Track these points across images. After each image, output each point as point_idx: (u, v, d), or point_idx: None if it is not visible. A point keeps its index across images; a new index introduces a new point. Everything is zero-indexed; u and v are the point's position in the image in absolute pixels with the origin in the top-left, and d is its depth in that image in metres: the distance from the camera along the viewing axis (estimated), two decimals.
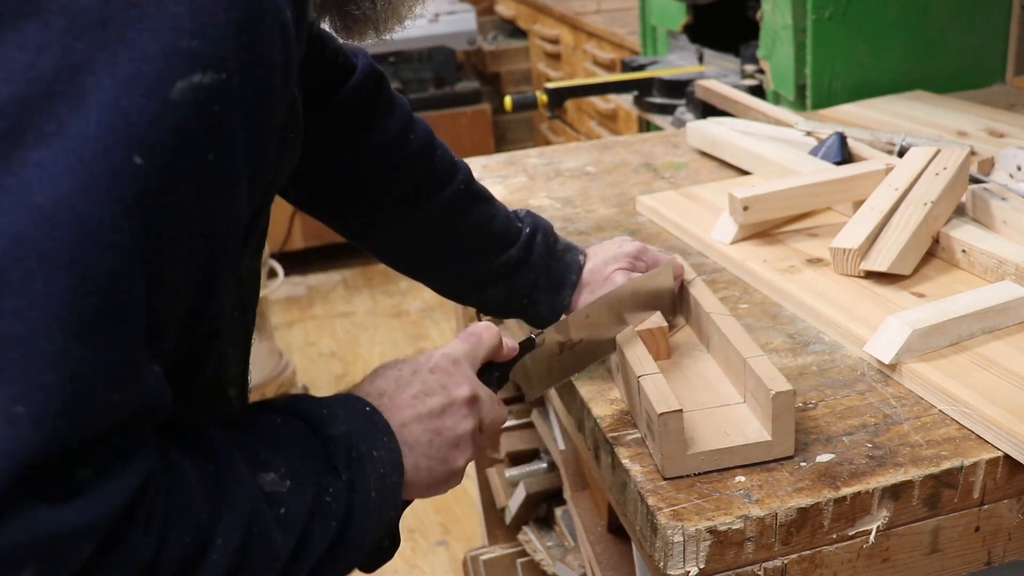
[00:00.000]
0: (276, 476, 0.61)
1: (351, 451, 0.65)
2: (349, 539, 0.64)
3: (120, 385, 0.52)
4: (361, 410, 0.69)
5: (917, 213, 1.12)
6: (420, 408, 0.71)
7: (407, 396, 0.72)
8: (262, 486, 0.60)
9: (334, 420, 0.66)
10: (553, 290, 1.03)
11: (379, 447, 0.67)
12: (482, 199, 1.04)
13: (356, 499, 0.64)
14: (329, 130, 0.97)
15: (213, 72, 0.53)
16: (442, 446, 0.72)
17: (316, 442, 0.64)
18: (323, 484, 0.63)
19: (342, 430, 0.66)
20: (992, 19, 1.90)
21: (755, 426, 0.83)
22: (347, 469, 0.64)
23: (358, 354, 3.30)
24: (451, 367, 0.74)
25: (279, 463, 0.62)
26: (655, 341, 0.96)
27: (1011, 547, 0.85)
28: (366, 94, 0.98)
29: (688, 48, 2.39)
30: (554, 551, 1.67)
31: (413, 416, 0.71)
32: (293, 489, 0.61)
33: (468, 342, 0.77)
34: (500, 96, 3.85)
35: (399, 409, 0.71)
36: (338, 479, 0.64)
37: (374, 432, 0.68)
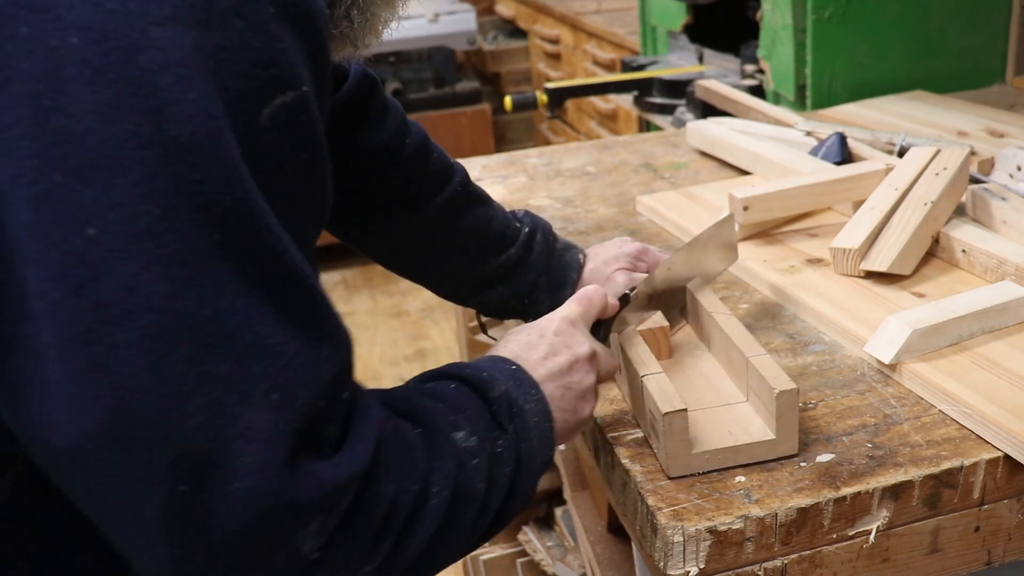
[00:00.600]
0: (464, 434, 0.69)
1: (511, 407, 0.73)
2: (522, 481, 0.73)
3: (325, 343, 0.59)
4: (509, 369, 0.76)
5: (917, 213, 1.12)
6: (551, 367, 0.78)
7: (538, 357, 0.79)
8: (457, 442, 0.69)
9: (494, 381, 0.74)
10: (554, 289, 1.03)
11: (529, 400, 0.75)
12: (479, 201, 1.04)
13: (522, 448, 0.73)
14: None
15: (292, 91, 0.59)
16: (572, 399, 0.79)
17: (482, 403, 0.73)
18: (494, 438, 0.71)
19: (502, 390, 0.74)
20: (992, 19, 1.90)
21: (759, 425, 0.84)
22: (511, 423, 0.73)
23: (358, 354, 3.25)
24: (571, 328, 0.81)
25: (464, 423, 0.70)
26: (656, 340, 0.96)
27: (1011, 547, 0.85)
28: (359, 99, 0.98)
29: (688, 48, 2.39)
30: (554, 551, 1.67)
31: (545, 374, 0.78)
32: (479, 444, 0.70)
33: (582, 304, 0.84)
34: (500, 96, 3.85)
35: (533, 369, 0.77)
36: (505, 433, 0.72)
37: (524, 388, 0.75)
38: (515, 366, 0.77)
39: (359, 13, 0.73)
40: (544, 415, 0.76)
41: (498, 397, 0.73)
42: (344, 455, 0.60)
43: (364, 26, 0.75)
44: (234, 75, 0.56)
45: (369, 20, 0.75)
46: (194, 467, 0.54)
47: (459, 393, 0.73)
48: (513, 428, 0.73)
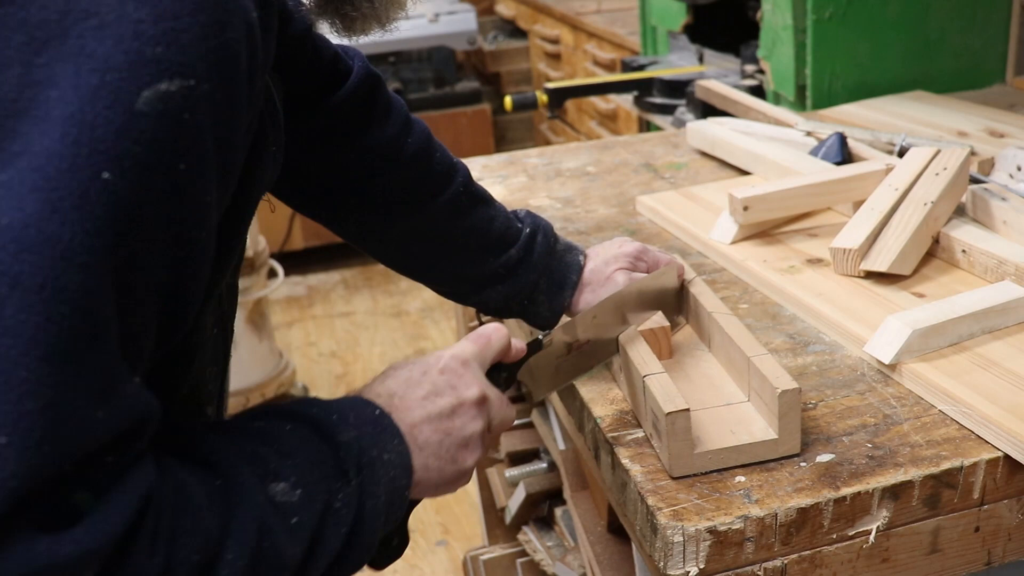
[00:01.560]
0: (287, 486, 0.61)
1: (361, 456, 0.65)
2: (358, 543, 0.64)
3: (103, 403, 0.50)
4: (371, 414, 0.68)
5: (917, 213, 1.12)
6: (430, 408, 0.71)
7: (417, 397, 0.72)
8: (273, 496, 0.60)
9: (344, 425, 0.66)
10: (554, 290, 1.03)
11: (389, 450, 0.67)
12: (481, 201, 1.04)
13: (366, 503, 0.64)
14: (326, 134, 0.97)
15: (180, 79, 0.52)
16: (452, 446, 0.72)
17: (326, 448, 0.64)
18: (333, 490, 0.63)
19: (352, 435, 0.65)
20: (992, 19, 1.90)
21: (761, 424, 0.84)
22: (357, 474, 0.64)
23: (358, 354, 3.30)
24: (461, 368, 0.74)
25: (289, 472, 0.61)
26: (657, 341, 0.96)
27: (1011, 547, 0.85)
28: (362, 97, 0.98)
29: (688, 48, 2.39)
30: (554, 551, 1.67)
31: (423, 416, 0.71)
32: (304, 498, 0.61)
33: (477, 343, 0.77)
34: (500, 96, 3.85)
35: (409, 410, 0.71)
36: (348, 484, 0.64)
37: (384, 435, 0.68)
38: (379, 411, 0.69)
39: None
40: (403, 469, 0.68)
41: (346, 443, 0.65)
42: (78, 531, 0.49)
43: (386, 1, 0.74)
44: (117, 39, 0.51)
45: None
46: None
47: (294, 436, 0.64)
48: (359, 480, 0.64)
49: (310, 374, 3.18)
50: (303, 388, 3.00)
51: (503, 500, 1.79)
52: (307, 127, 0.95)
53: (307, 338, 3.47)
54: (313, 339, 3.45)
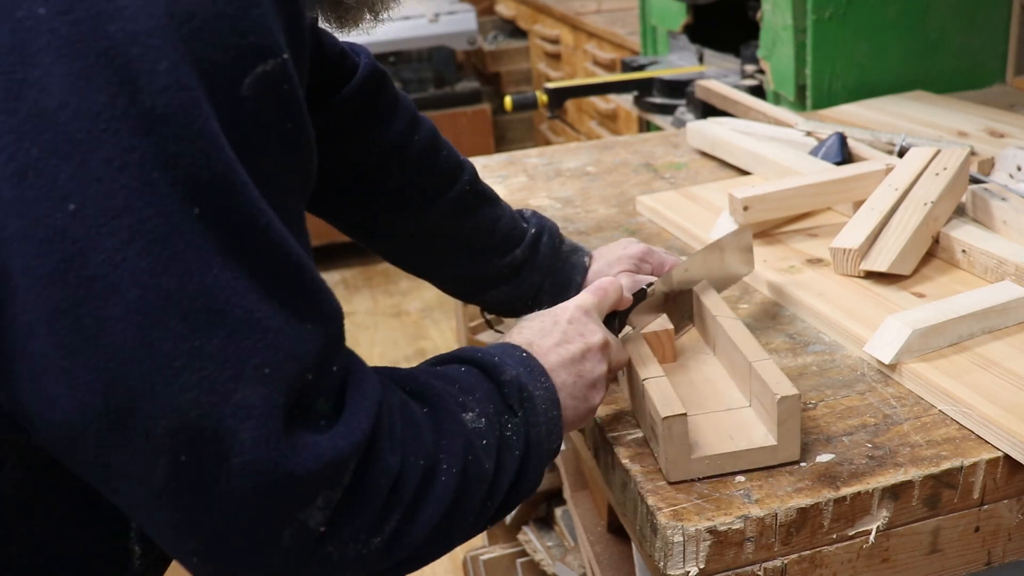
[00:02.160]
0: (474, 415, 0.70)
1: (522, 392, 0.73)
2: (530, 465, 0.73)
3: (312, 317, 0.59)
4: (520, 356, 0.76)
5: (917, 213, 1.12)
6: (563, 353, 0.79)
7: (550, 343, 0.79)
8: (466, 423, 0.69)
9: (505, 367, 0.74)
10: (558, 292, 1.03)
11: (539, 387, 0.75)
12: (487, 200, 1.04)
13: (531, 432, 0.73)
14: (332, 130, 0.97)
15: (273, 59, 0.57)
16: (583, 386, 0.79)
17: (493, 387, 0.73)
18: (503, 421, 0.72)
19: (512, 375, 0.74)
20: (992, 19, 1.90)
21: (760, 430, 0.83)
22: (520, 408, 0.73)
23: (358, 354, 3.29)
24: (584, 317, 0.82)
25: (474, 404, 0.70)
26: (661, 344, 0.95)
27: (1011, 547, 0.85)
28: (369, 94, 0.98)
29: (688, 48, 2.39)
30: (554, 551, 1.67)
31: (558, 361, 0.78)
32: (488, 425, 0.70)
33: (596, 295, 0.85)
34: (500, 96, 3.85)
35: (545, 355, 0.78)
36: (514, 416, 0.72)
37: (534, 375, 0.75)
38: (526, 353, 0.77)
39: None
40: (553, 403, 0.76)
41: (509, 381, 0.73)
42: (340, 427, 0.60)
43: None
44: (209, 44, 0.54)
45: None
46: (192, 440, 0.54)
47: (469, 375, 0.73)
48: (523, 413, 0.73)
49: None
50: None
51: None
52: (313, 124, 0.95)
53: None
54: None
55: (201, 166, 0.54)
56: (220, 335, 0.54)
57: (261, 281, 0.56)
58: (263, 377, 0.56)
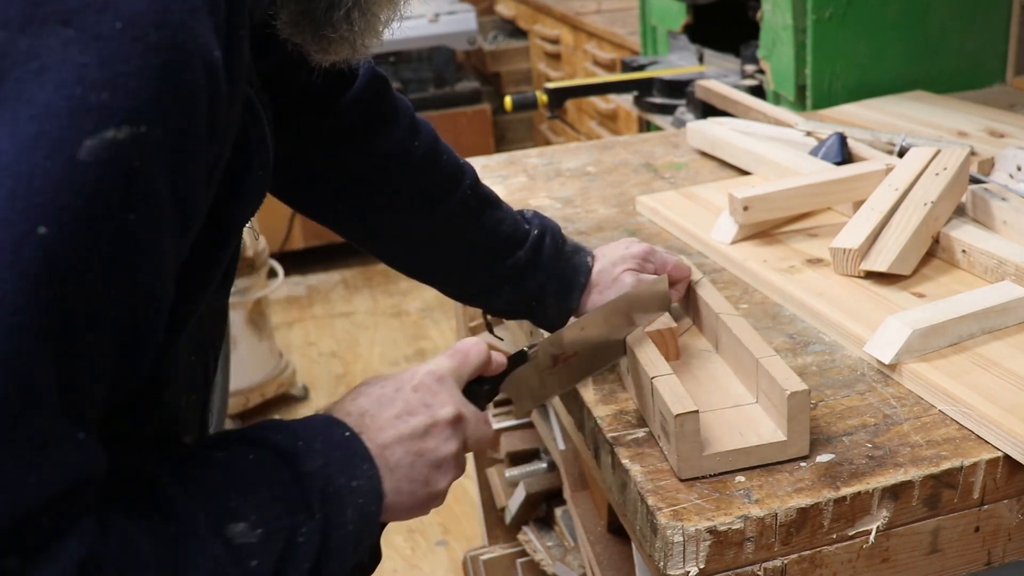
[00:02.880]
0: (246, 526, 0.59)
1: (328, 486, 0.63)
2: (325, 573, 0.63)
3: (35, 466, 0.48)
4: (340, 436, 0.67)
5: (917, 213, 1.12)
6: (402, 428, 0.69)
7: (389, 416, 0.70)
8: (231, 539, 0.58)
9: (310, 453, 0.64)
10: (562, 293, 1.02)
11: (358, 476, 0.66)
12: (489, 202, 1.04)
13: (332, 535, 0.63)
14: (332, 138, 0.96)
15: (129, 126, 0.49)
16: (424, 468, 0.70)
17: (290, 480, 0.62)
18: (296, 525, 0.61)
19: (318, 464, 0.64)
20: (992, 19, 1.90)
21: (769, 426, 0.83)
22: (322, 506, 0.63)
23: (358, 354, 3.30)
24: (435, 385, 0.73)
25: (249, 511, 0.60)
26: (665, 342, 0.95)
27: (1011, 547, 0.85)
28: (368, 101, 0.97)
29: (688, 48, 2.39)
30: (554, 551, 1.67)
31: (395, 437, 0.69)
32: (264, 537, 0.59)
33: (454, 359, 0.76)
34: (500, 96, 3.85)
35: (380, 430, 0.69)
36: (311, 518, 0.62)
37: (353, 460, 0.66)
38: (349, 432, 0.67)
39: (360, 15, 0.70)
40: (374, 495, 0.66)
41: (311, 473, 0.63)
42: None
43: (364, 28, 0.72)
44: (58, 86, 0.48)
45: (370, 21, 0.72)
46: None
47: (257, 467, 0.62)
48: (324, 512, 0.62)
49: (310, 374, 3.18)
50: (303, 388, 3.00)
51: (503, 500, 1.79)
52: (313, 131, 0.95)
53: (307, 338, 3.47)
54: (313, 339, 3.45)
55: None
56: None
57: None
58: None
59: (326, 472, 0.64)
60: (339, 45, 0.72)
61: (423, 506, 0.71)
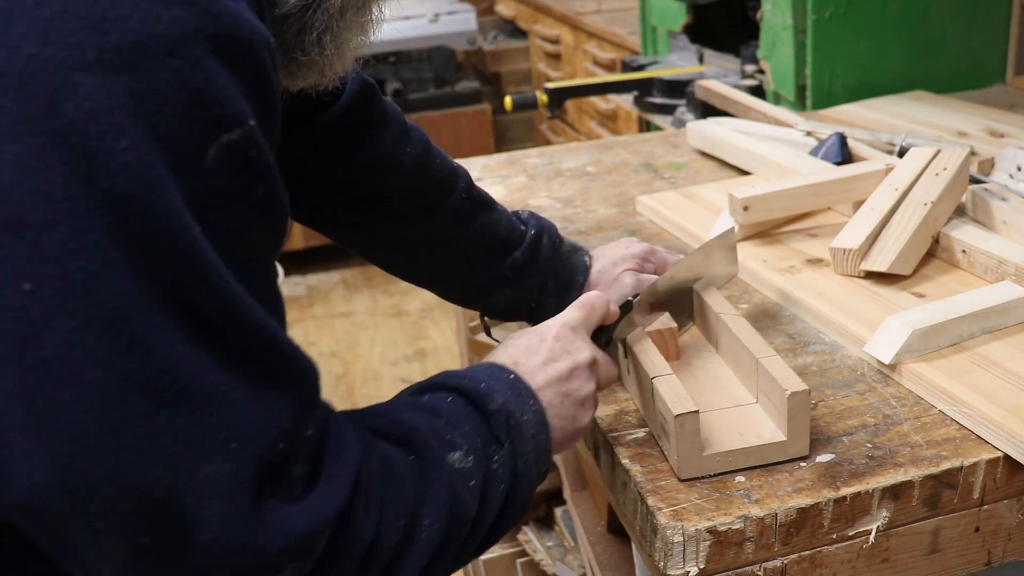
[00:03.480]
0: (461, 454, 0.69)
1: (509, 420, 0.73)
2: (517, 496, 0.73)
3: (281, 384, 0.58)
4: (507, 379, 0.75)
5: (917, 213, 1.12)
6: (551, 372, 0.78)
7: (537, 362, 0.78)
8: (452, 464, 0.68)
9: (492, 393, 0.73)
10: (561, 292, 1.03)
11: (527, 411, 0.74)
12: (484, 205, 1.04)
13: (518, 463, 0.73)
14: (324, 147, 0.96)
15: (239, 128, 0.56)
16: (571, 406, 0.78)
17: (480, 417, 0.72)
18: (490, 453, 0.71)
19: (499, 402, 0.73)
20: (992, 19, 1.90)
21: (770, 427, 0.83)
22: (508, 437, 0.72)
23: (358, 354, 3.29)
24: (571, 334, 0.81)
25: (461, 441, 0.70)
26: (665, 342, 0.96)
27: (1011, 547, 0.85)
28: (358, 110, 0.97)
29: (688, 48, 2.39)
30: (554, 551, 1.67)
31: (545, 380, 0.77)
32: (475, 464, 0.69)
33: (583, 310, 0.83)
34: (500, 96, 3.85)
35: (532, 374, 0.77)
36: (501, 447, 0.72)
37: (522, 398, 0.75)
38: (513, 375, 0.76)
39: (331, 39, 0.71)
40: (541, 426, 0.75)
41: (496, 410, 0.72)
42: (314, 498, 0.59)
43: (334, 53, 0.73)
44: (172, 118, 0.53)
45: (340, 46, 0.73)
46: (155, 520, 0.53)
47: (456, 407, 0.72)
48: (510, 443, 0.72)
49: None
50: None
51: None
52: (305, 141, 0.94)
53: (307, 338, 3.47)
54: (313, 339, 3.45)
55: (164, 244, 0.53)
56: (184, 413, 0.54)
57: (226, 355, 0.56)
58: (229, 452, 0.55)
59: (506, 409, 0.73)
60: (308, 70, 0.74)
61: (571, 439, 0.79)
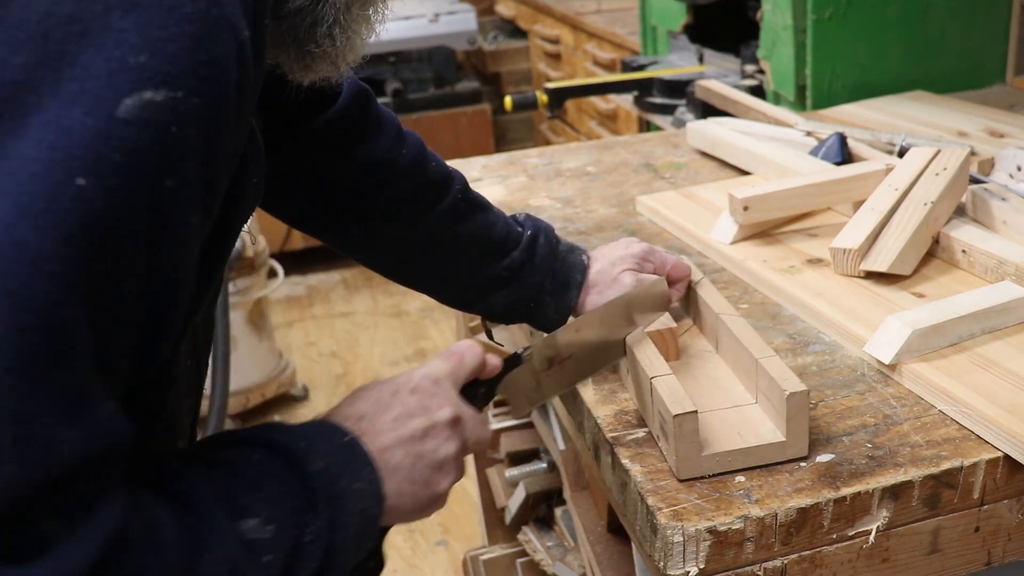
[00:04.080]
0: (258, 522, 0.59)
1: (331, 487, 0.64)
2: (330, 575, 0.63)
3: (72, 422, 0.48)
4: (340, 440, 0.67)
5: (917, 213, 1.12)
6: (401, 431, 0.70)
7: (388, 419, 0.70)
8: (243, 534, 0.58)
9: (313, 454, 0.64)
10: (559, 292, 1.03)
11: (359, 479, 0.66)
12: (479, 207, 1.04)
13: (336, 537, 0.63)
14: (318, 151, 0.96)
15: (167, 89, 0.51)
16: (424, 469, 0.70)
17: (295, 480, 0.63)
18: (302, 524, 0.61)
19: (321, 465, 0.64)
20: (992, 19, 1.90)
21: (769, 427, 0.83)
22: (327, 507, 0.63)
23: (358, 354, 3.30)
24: (432, 387, 0.73)
25: (260, 507, 0.60)
26: (665, 342, 0.96)
27: (1011, 547, 0.85)
28: (354, 114, 0.97)
29: (688, 48, 2.39)
30: (554, 551, 1.67)
31: (394, 440, 0.69)
32: (274, 534, 0.60)
33: (450, 361, 0.76)
34: (500, 96, 3.85)
35: (379, 433, 0.69)
36: (317, 518, 0.62)
37: (354, 464, 0.66)
38: (348, 438, 0.67)
39: (340, 31, 0.70)
40: (374, 499, 0.66)
41: (315, 474, 0.63)
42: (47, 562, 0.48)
43: (345, 45, 0.72)
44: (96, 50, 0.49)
45: (350, 38, 0.72)
46: None
47: (264, 467, 0.63)
48: (329, 513, 0.63)
49: (310, 374, 3.18)
50: (303, 388, 3.00)
51: (503, 500, 1.79)
52: (300, 145, 0.95)
53: (307, 338, 3.47)
54: (313, 339, 3.45)
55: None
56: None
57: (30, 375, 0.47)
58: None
59: (329, 474, 0.64)
60: (321, 62, 0.73)
61: (424, 508, 0.71)
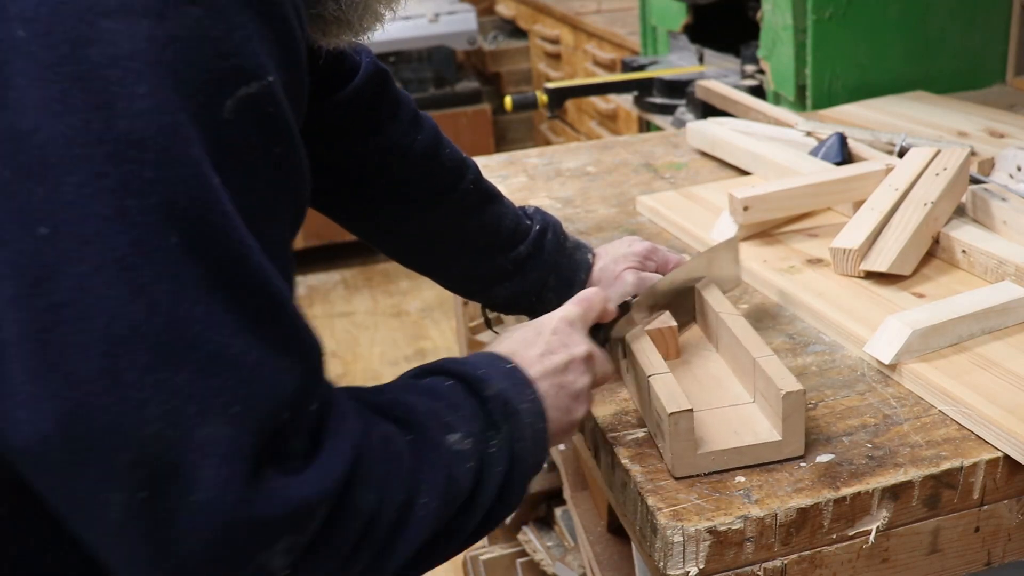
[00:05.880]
0: (460, 436, 0.69)
1: (507, 406, 0.73)
2: (514, 482, 0.73)
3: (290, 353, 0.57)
4: (504, 368, 0.76)
5: (917, 213, 1.12)
6: (547, 364, 0.78)
7: (534, 354, 0.78)
8: (450, 445, 0.68)
9: (489, 381, 0.73)
10: (562, 288, 1.03)
11: (524, 399, 0.74)
12: (490, 198, 1.04)
13: (516, 448, 0.72)
14: (334, 131, 0.96)
15: (257, 81, 0.57)
16: (566, 398, 0.78)
17: (478, 403, 0.72)
18: (488, 438, 0.71)
19: (497, 389, 0.73)
20: (992, 19, 1.90)
21: (765, 426, 0.83)
22: (505, 422, 0.72)
23: (358, 354, 3.29)
24: (568, 328, 0.81)
25: (460, 424, 0.70)
26: (665, 341, 0.96)
27: (1011, 547, 0.85)
28: (371, 94, 0.98)
29: (688, 48, 2.39)
30: (554, 551, 1.67)
31: (541, 372, 0.77)
32: (473, 446, 0.69)
33: (581, 306, 0.84)
34: (500, 96, 3.85)
35: (529, 365, 0.77)
36: (498, 433, 0.72)
37: (519, 387, 0.75)
38: (511, 364, 0.76)
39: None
40: (539, 415, 0.75)
41: (493, 396, 0.73)
42: (313, 471, 0.58)
43: (361, 8, 0.74)
44: (191, 66, 0.54)
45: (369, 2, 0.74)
46: (152, 474, 0.53)
47: (454, 391, 0.72)
48: (507, 428, 0.72)
49: None
50: None
51: None
52: (317, 123, 0.95)
53: None
54: None
55: (180, 193, 0.53)
56: (188, 369, 0.53)
57: (238, 315, 0.55)
58: (231, 416, 0.54)
59: (504, 395, 0.73)
60: (336, 27, 0.75)
61: (565, 432, 0.80)
